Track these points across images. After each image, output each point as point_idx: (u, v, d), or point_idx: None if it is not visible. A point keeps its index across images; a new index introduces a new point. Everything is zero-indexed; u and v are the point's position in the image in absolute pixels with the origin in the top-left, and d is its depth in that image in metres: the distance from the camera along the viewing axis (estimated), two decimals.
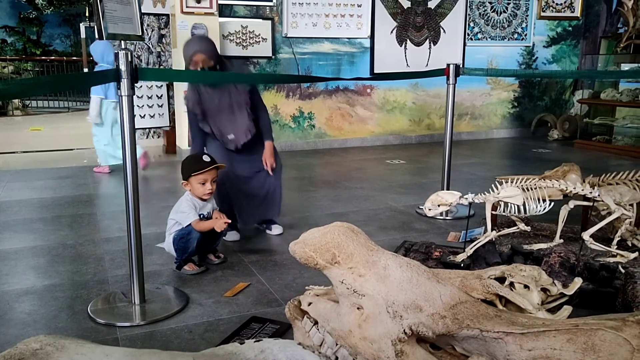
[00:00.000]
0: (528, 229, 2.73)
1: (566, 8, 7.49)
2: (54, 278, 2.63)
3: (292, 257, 2.84)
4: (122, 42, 2.17)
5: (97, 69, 5.03)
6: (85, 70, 6.38)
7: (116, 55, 2.03)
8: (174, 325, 2.15)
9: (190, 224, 2.61)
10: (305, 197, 4.18)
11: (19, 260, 2.87)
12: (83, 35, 6.15)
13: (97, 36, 2.12)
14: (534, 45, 7.44)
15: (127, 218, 2.25)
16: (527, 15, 7.32)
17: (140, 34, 2.22)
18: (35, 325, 2.14)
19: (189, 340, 2.04)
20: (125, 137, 2.16)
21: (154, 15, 6.00)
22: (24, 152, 6.35)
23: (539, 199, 2.64)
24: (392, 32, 6.64)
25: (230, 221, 2.71)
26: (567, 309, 1.74)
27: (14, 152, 6.31)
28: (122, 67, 2.03)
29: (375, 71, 6.57)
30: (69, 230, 3.38)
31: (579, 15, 7.58)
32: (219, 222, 2.61)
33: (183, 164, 2.75)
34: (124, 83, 2.05)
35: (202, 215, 2.70)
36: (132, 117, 2.15)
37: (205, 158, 2.69)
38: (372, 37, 6.52)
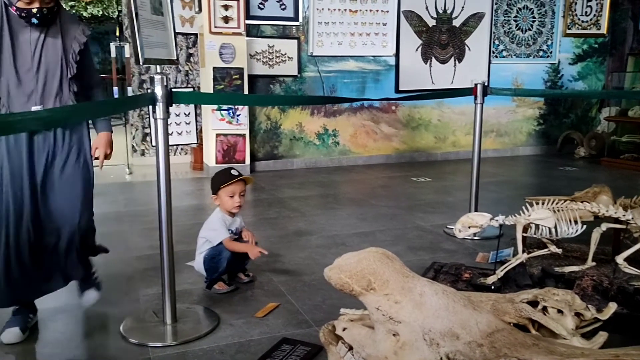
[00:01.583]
0: (559, 251, 2.70)
1: (592, 25, 7.43)
2: None
3: (321, 277, 2.85)
4: (157, 66, 2.21)
5: None
6: (115, 88, 6.49)
7: (152, 80, 2.08)
8: (206, 346, 2.17)
9: (221, 243, 2.64)
10: (330, 215, 4.19)
11: None
12: (113, 54, 6.30)
13: (132, 60, 2.17)
14: (559, 62, 7.39)
15: (160, 237, 2.29)
16: (553, 33, 7.29)
17: (175, 58, 2.27)
18: (69, 345, 2.18)
19: None
20: (160, 157, 2.21)
21: (183, 34, 6.13)
22: None
23: (570, 221, 2.62)
24: (417, 49, 6.66)
25: (267, 252, 2.70)
26: (602, 335, 1.72)
27: None
28: (158, 91, 2.08)
29: (400, 89, 6.59)
30: None
31: (605, 32, 7.52)
32: (254, 251, 2.64)
33: (212, 179, 2.80)
34: (160, 107, 2.10)
35: (230, 231, 2.73)
36: (166, 138, 2.20)
37: (234, 172, 2.74)
38: (397, 54, 6.56)
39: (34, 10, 2.03)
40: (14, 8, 1.99)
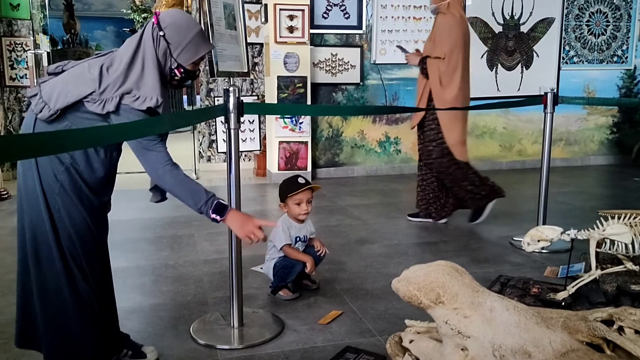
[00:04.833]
0: (636, 268, 2.58)
1: None
2: (158, 297, 2.79)
3: (383, 286, 2.87)
4: (230, 78, 2.29)
5: None
6: (185, 97, 6.73)
7: (226, 92, 2.16)
8: (271, 351, 2.22)
9: (298, 261, 2.71)
10: (392, 224, 4.18)
11: (126, 278, 3.07)
12: None
13: (208, 73, 2.27)
14: (635, 68, 7.06)
15: (230, 241, 2.36)
16: (628, 37, 6.97)
17: (247, 70, 2.35)
18: (144, 343, 2.28)
19: None
20: (231, 163, 2.28)
21: (249, 44, 6.27)
22: (127, 172, 6.77)
23: None
24: (482, 56, 6.54)
25: (315, 272, 2.74)
26: None
27: (118, 173, 6.72)
28: (231, 103, 2.15)
29: None
30: (170, 250, 3.57)
31: None
32: (311, 264, 2.71)
33: (280, 186, 2.86)
34: (232, 117, 2.18)
35: (298, 238, 2.78)
36: (237, 147, 2.27)
37: (301, 180, 2.79)
38: None
39: (197, 73, 2.00)
40: (181, 70, 1.92)
